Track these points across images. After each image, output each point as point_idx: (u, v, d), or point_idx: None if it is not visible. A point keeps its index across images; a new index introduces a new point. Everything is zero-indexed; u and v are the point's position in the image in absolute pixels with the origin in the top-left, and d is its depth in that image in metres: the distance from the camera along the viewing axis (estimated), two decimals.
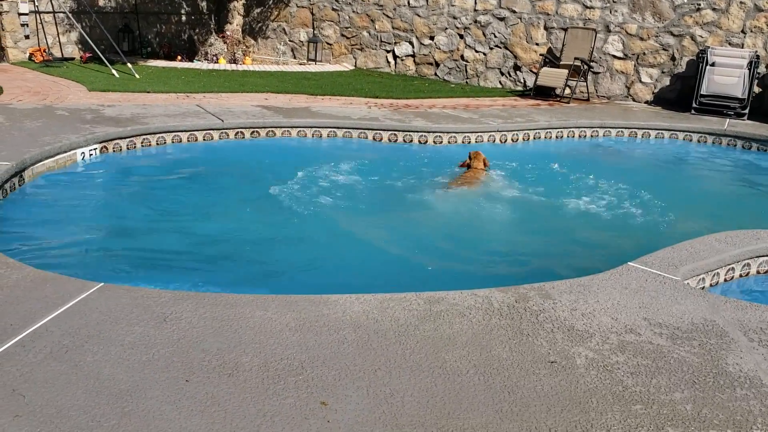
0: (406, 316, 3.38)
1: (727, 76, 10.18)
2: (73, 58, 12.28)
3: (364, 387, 2.77)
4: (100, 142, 6.89)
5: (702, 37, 10.88)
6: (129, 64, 11.20)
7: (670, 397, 2.81)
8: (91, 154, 6.77)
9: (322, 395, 2.70)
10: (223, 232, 5.47)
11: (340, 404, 2.65)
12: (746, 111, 10.22)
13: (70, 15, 11.72)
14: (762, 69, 10.57)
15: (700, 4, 10.82)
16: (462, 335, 3.23)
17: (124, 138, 7.16)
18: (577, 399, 2.76)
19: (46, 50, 11.93)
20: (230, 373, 2.81)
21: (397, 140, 8.37)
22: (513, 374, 2.92)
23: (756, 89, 10.53)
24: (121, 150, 7.10)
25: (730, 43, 10.75)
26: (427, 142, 8.41)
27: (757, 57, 10.30)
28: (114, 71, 10.81)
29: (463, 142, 8.54)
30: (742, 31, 10.67)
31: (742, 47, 10.64)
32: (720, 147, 9.31)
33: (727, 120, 10.00)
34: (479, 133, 8.61)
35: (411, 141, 8.38)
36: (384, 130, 8.39)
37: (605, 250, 5.47)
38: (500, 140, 8.74)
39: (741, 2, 10.58)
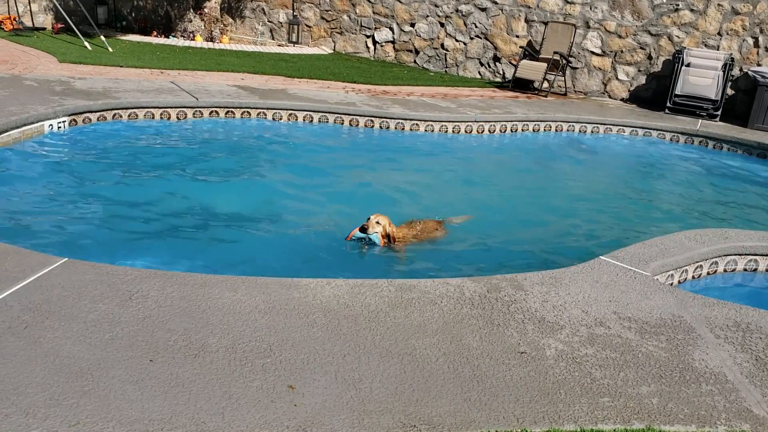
0: (377, 302, 3.35)
1: (701, 77, 10.27)
2: (44, 28, 11.95)
3: (332, 371, 2.73)
4: (70, 115, 6.72)
5: (679, 37, 10.97)
6: (102, 37, 10.93)
7: (637, 390, 2.82)
8: (59, 127, 6.60)
9: (290, 379, 2.66)
10: (193, 211, 5.37)
11: (308, 388, 2.61)
12: (719, 112, 10.34)
13: None
14: (736, 71, 10.70)
15: (678, 5, 10.90)
16: (432, 323, 3.21)
17: (95, 112, 6.99)
18: (545, 390, 2.76)
19: (17, 19, 11.59)
20: (196, 354, 2.76)
21: (373, 126, 8.30)
22: (482, 363, 2.90)
23: (729, 91, 10.66)
24: (91, 123, 6.94)
25: (706, 45, 10.85)
26: (404, 129, 8.36)
27: (732, 59, 10.41)
28: (87, 43, 10.55)
29: (440, 131, 8.50)
30: (719, 34, 10.78)
31: (718, 49, 10.75)
32: (692, 146, 9.41)
33: (700, 120, 10.11)
34: (456, 123, 8.59)
35: (388, 128, 8.32)
36: (361, 115, 8.32)
37: (577, 243, 5.50)
38: (477, 131, 8.72)
39: (719, 5, 10.69)
